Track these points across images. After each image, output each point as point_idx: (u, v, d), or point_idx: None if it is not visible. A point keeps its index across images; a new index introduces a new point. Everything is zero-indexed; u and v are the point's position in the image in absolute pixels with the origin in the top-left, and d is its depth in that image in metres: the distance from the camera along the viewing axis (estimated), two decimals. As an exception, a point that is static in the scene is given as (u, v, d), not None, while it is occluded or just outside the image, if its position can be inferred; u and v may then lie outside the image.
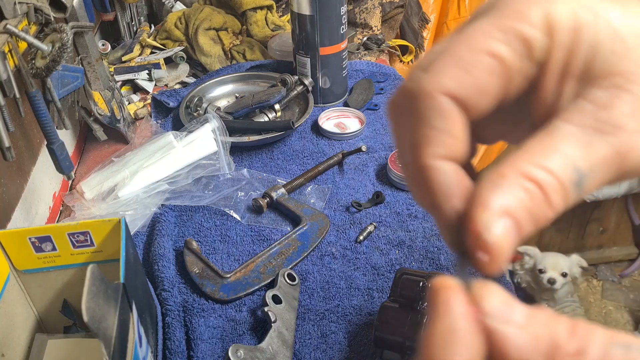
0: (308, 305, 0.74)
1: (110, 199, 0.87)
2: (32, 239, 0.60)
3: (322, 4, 1.02)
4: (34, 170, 0.89)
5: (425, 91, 0.22)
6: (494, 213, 0.21)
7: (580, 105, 0.22)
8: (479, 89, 0.22)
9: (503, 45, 0.22)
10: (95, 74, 0.97)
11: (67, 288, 0.66)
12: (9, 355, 0.60)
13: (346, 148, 1.02)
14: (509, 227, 0.21)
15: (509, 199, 0.21)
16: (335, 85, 1.14)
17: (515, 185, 0.21)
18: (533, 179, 0.21)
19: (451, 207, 0.23)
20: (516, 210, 0.21)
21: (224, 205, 0.90)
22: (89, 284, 0.44)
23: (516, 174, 0.21)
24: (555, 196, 0.21)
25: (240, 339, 0.70)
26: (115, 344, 0.47)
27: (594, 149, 0.22)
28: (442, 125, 0.22)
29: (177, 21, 1.34)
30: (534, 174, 0.21)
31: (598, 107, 0.22)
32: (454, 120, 0.22)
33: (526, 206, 0.21)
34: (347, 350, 0.69)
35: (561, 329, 0.19)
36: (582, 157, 0.22)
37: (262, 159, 1.02)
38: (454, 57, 0.22)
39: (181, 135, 0.96)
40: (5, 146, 0.67)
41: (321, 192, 0.93)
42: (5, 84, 0.68)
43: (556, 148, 0.22)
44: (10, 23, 0.69)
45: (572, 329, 0.19)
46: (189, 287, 0.77)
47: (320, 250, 0.82)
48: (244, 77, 1.20)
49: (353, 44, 1.37)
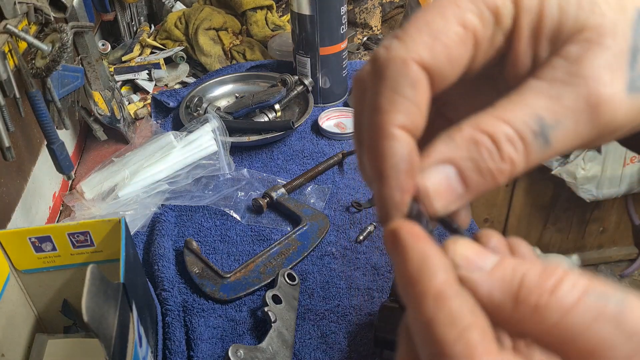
0: (308, 305, 0.74)
1: (110, 199, 0.87)
2: (32, 239, 0.60)
3: (322, 4, 1.02)
4: (34, 170, 0.89)
5: (398, 58, 0.22)
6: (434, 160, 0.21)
7: (552, 62, 0.23)
8: (449, 58, 0.23)
9: (473, 15, 0.23)
10: (95, 74, 0.97)
11: (67, 288, 0.66)
12: (9, 355, 0.60)
13: (346, 148, 1.02)
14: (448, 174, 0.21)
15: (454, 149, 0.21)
16: (335, 85, 1.14)
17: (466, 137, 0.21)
18: (486, 131, 0.21)
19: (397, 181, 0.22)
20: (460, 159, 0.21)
21: (224, 205, 0.90)
22: (89, 284, 0.44)
23: (472, 127, 0.21)
24: (508, 147, 0.21)
25: (240, 339, 0.70)
26: (115, 344, 0.47)
27: (562, 100, 0.22)
28: (411, 94, 0.22)
29: (177, 21, 1.34)
30: (488, 127, 0.21)
31: (570, 61, 0.22)
32: (422, 91, 0.22)
33: (472, 157, 0.21)
34: (347, 350, 0.69)
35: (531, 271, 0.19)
36: (548, 108, 0.21)
37: (262, 159, 1.02)
38: (427, 25, 0.23)
39: (181, 135, 0.96)
40: (5, 146, 0.67)
41: (321, 192, 0.93)
42: (5, 84, 0.68)
43: (523, 101, 0.22)
44: (10, 23, 0.69)
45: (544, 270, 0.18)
46: (189, 287, 0.77)
47: (320, 250, 0.82)
48: (244, 77, 1.20)
49: (353, 44, 1.37)
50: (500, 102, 0.22)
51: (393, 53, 0.23)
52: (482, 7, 0.23)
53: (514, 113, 0.21)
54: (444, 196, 0.22)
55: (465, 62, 0.23)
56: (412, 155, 0.22)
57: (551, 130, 0.21)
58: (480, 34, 0.23)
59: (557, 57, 0.22)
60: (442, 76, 0.23)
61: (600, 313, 0.17)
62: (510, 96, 0.22)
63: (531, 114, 0.21)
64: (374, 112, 0.23)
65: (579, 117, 0.21)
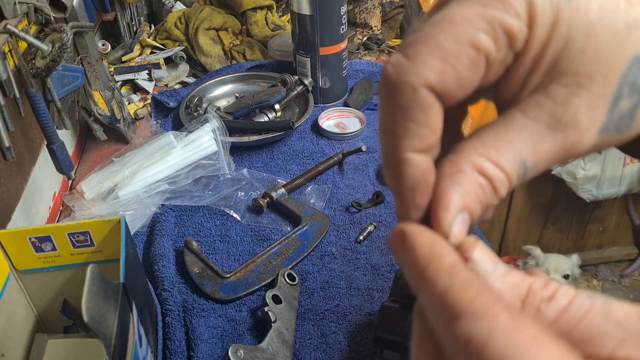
0: (308, 305, 0.74)
1: (110, 199, 0.87)
2: (32, 239, 0.60)
3: (322, 4, 1.02)
4: (34, 170, 0.89)
5: (409, 84, 0.23)
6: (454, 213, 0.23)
7: (539, 100, 0.23)
8: (460, 82, 0.23)
9: (488, 38, 0.22)
10: (95, 74, 0.97)
11: (67, 288, 0.66)
12: (9, 355, 0.60)
13: (346, 148, 1.02)
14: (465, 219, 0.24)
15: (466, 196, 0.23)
16: (335, 85, 1.14)
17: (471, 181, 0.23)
18: (486, 175, 0.23)
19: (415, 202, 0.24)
20: (471, 204, 0.23)
21: (224, 205, 0.90)
22: (89, 284, 0.44)
23: (471, 169, 0.23)
24: (502, 188, 0.24)
25: (240, 339, 0.70)
26: (115, 344, 0.47)
27: (544, 145, 0.23)
28: (423, 119, 0.23)
29: (177, 21, 1.34)
30: (487, 171, 0.23)
31: (556, 103, 0.23)
32: (433, 114, 0.23)
33: (480, 200, 0.23)
34: (347, 350, 0.69)
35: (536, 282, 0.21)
36: (531, 153, 0.24)
37: (262, 159, 1.02)
38: (438, 47, 0.22)
39: (181, 135, 0.96)
40: (5, 146, 0.67)
41: (321, 192, 0.93)
42: (5, 84, 0.68)
43: (509, 142, 0.23)
44: (10, 23, 0.69)
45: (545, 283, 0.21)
46: (189, 287, 0.77)
47: (320, 250, 0.82)
48: (244, 77, 1.20)
49: (353, 44, 1.37)
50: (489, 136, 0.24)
51: (403, 77, 0.23)
52: (497, 29, 0.22)
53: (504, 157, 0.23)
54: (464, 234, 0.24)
55: (476, 84, 0.23)
56: (426, 176, 0.24)
57: (529, 172, 0.24)
58: (493, 57, 0.23)
59: (545, 97, 0.23)
60: (451, 98, 0.23)
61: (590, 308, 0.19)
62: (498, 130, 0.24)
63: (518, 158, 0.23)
64: (390, 138, 0.24)
65: (553, 159, 0.24)
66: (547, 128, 0.23)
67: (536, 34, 0.23)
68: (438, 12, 0.23)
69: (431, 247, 0.21)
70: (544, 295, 0.20)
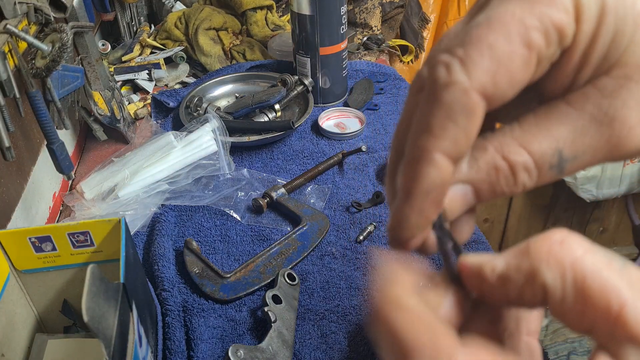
0: (308, 305, 0.74)
1: (110, 199, 0.87)
2: (32, 239, 0.60)
3: (322, 4, 1.02)
4: (34, 170, 0.89)
5: (461, 86, 0.22)
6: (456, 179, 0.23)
7: (586, 91, 0.23)
8: (511, 83, 0.22)
9: (540, 35, 0.21)
10: (95, 74, 0.97)
11: (67, 288, 0.66)
12: (9, 355, 0.60)
13: (346, 148, 1.02)
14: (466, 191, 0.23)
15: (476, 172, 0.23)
16: (335, 85, 1.14)
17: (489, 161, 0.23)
18: (507, 159, 0.23)
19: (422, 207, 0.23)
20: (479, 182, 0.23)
21: (224, 205, 0.90)
22: (89, 284, 0.44)
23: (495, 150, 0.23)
24: (524, 175, 0.23)
25: (240, 339, 0.70)
26: (115, 344, 0.47)
27: (586, 137, 0.22)
28: (464, 123, 0.22)
29: (177, 21, 1.34)
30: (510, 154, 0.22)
31: (602, 94, 0.22)
32: (475, 120, 0.22)
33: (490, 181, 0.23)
34: (347, 350, 0.69)
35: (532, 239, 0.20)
36: (571, 143, 0.22)
37: (262, 159, 1.02)
38: (490, 49, 0.21)
39: (181, 135, 0.96)
40: (5, 146, 0.67)
41: (321, 192, 0.93)
42: (5, 84, 0.68)
43: (548, 129, 0.22)
44: (10, 23, 0.69)
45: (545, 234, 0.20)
46: (189, 287, 0.77)
47: (320, 250, 0.82)
48: (244, 77, 1.20)
49: (353, 44, 1.37)
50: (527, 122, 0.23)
51: (455, 78, 0.22)
52: (548, 25, 0.21)
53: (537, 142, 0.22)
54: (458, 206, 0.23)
55: (526, 82, 0.23)
56: (444, 185, 0.23)
57: (567, 163, 0.23)
58: (544, 54, 0.22)
59: (593, 88, 0.22)
60: (501, 99, 0.22)
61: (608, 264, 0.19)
62: (537, 116, 0.23)
63: (553, 146, 0.22)
64: (422, 133, 0.23)
65: (597, 154, 0.23)
66: (591, 120, 0.22)
67: (583, 28, 0.22)
68: (482, 12, 0.22)
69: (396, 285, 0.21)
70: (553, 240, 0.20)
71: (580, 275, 0.19)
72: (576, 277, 0.19)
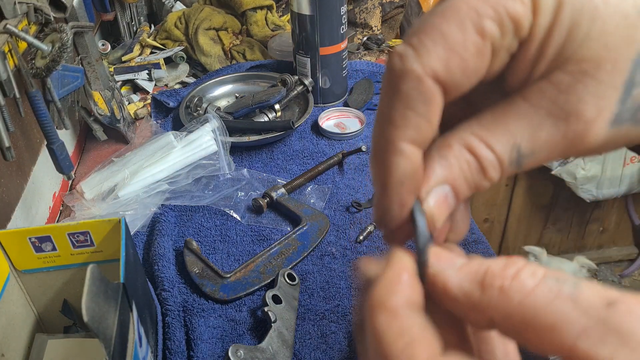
0: (308, 305, 0.74)
1: (110, 199, 0.87)
2: (32, 239, 0.60)
3: (322, 4, 1.02)
4: (34, 170, 0.89)
5: (413, 72, 0.22)
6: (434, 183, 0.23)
7: (542, 86, 0.23)
8: (465, 71, 0.22)
9: (493, 24, 0.21)
10: (95, 74, 0.97)
11: (67, 288, 0.66)
12: (9, 355, 0.60)
13: (346, 148, 1.02)
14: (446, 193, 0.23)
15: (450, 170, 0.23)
16: (335, 85, 1.14)
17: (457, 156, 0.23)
18: (474, 153, 0.23)
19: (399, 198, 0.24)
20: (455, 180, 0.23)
21: (224, 205, 0.90)
22: (89, 284, 0.44)
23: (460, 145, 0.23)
24: (492, 170, 0.23)
25: (240, 339, 0.70)
26: (115, 344, 0.47)
27: (542, 132, 0.22)
28: (423, 110, 0.22)
29: (177, 21, 1.34)
30: (476, 149, 0.23)
31: (558, 89, 0.22)
32: (434, 106, 0.22)
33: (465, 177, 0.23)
34: (347, 350, 0.69)
35: (494, 264, 0.20)
36: (528, 139, 0.23)
37: (262, 159, 1.02)
38: (443, 37, 0.22)
39: (181, 135, 0.96)
40: (5, 146, 0.67)
41: (321, 192, 0.93)
42: (5, 84, 0.68)
43: (505, 125, 0.23)
44: (10, 23, 0.69)
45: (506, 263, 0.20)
46: (189, 287, 0.77)
47: (320, 250, 0.82)
48: (244, 77, 1.20)
49: (353, 44, 1.37)
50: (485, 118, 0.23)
51: (408, 66, 0.22)
52: (502, 15, 0.21)
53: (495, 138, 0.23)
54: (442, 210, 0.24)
55: (482, 72, 0.23)
56: (416, 171, 0.23)
57: (525, 159, 0.23)
58: (498, 44, 0.22)
59: (548, 83, 0.22)
60: (457, 88, 0.23)
61: (558, 293, 0.19)
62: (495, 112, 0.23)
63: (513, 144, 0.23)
64: (386, 125, 0.23)
65: (554, 149, 0.23)
66: (548, 115, 0.22)
67: (540, 21, 0.22)
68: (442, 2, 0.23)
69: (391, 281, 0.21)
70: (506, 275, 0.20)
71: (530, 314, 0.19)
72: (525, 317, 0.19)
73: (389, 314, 0.20)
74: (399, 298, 0.21)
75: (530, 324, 0.19)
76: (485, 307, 0.20)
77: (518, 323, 0.19)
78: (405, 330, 0.20)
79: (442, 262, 0.22)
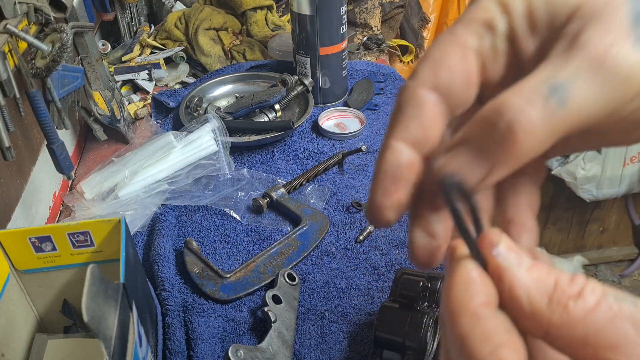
0: (308, 305, 0.74)
1: (110, 199, 0.87)
2: (32, 239, 0.60)
3: (322, 4, 1.02)
4: (34, 170, 0.89)
5: (407, 87, 0.25)
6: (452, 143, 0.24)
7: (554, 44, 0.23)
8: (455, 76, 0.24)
9: (468, 35, 0.24)
10: (95, 74, 0.97)
11: (67, 288, 0.66)
12: (9, 355, 0.60)
13: (346, 148, 1.02)
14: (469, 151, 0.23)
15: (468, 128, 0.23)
16: (335, 85, 1.14)
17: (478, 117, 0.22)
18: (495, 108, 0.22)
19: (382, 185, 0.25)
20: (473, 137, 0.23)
21: (224, 205, 0.90)
22: (89, 284, 0.44)
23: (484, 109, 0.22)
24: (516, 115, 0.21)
25: (240, 339, 0.70)
26: (115, 344, 0.47)
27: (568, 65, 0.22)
28: (412, 112, 0.25)
29: (177, 21, 1.34)
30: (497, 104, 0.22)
31: (570, 37, 0.23)
32: (426, 109, 0.24)
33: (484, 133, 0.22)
34: (347, 350, 0.69)
35: (562, 276, 0.20)
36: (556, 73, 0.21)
37: (262, 159, 1.02)
38: (429, 58, 0.25)
39: (181, 135, 0.96)
40: (5, 146, 0.67)
41: (321, 192, 0.93)
42: (5, 84, 0.68)
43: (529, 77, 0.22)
44: (10, 23, 0.69)
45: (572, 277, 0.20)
46: (189, 287, 0.77)
47: (320, 250, 0.82)
48: (244, 77, 1.20)
49: (353, 44, 1.37)
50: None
51: (404, 85, 0.25)
52: (474, 26, 0.25)
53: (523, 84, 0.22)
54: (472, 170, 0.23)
55: (476, 75, 0.25)
56: (402, 164, 0.25)
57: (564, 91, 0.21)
58: (478, 47, 0.25)
59: (558, 39, 0.23)
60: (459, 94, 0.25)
61: (618, 311, 0.19)
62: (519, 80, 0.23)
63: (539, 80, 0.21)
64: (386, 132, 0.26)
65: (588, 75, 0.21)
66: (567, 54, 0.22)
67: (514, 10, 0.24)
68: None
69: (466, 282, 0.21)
70: (572, 292, 0.19)
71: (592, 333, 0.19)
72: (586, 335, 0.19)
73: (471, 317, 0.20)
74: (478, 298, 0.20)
75: (591, 342, 0.19)
76: (546, 320, 0.20)
77: (578, 340, 0.19)
78: (490, 334, 0.19)
79: (512, 255, 0.21)
